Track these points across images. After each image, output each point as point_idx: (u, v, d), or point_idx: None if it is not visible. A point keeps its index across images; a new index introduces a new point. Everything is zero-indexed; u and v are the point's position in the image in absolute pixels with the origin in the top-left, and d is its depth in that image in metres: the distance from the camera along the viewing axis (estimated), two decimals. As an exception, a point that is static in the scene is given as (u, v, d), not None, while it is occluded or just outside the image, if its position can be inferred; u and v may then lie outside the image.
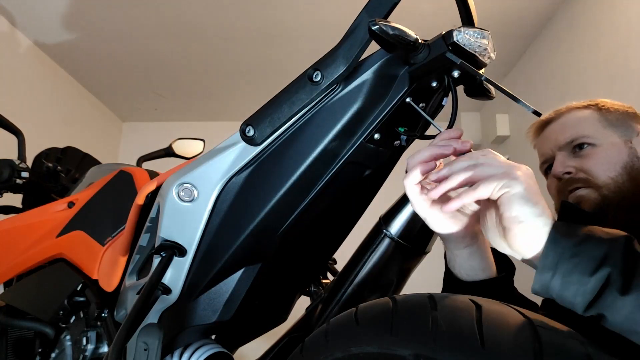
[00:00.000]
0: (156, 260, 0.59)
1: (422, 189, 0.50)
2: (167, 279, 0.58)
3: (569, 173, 0.80)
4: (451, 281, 0.59)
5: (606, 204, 0.74)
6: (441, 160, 0.51)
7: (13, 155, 1.25)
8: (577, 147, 0.80)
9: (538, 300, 0.65)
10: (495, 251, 0.64)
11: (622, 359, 0.35)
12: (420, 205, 0.50)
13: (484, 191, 0.43)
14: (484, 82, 0.50)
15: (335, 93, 0.51)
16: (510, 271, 0.62)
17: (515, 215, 0.42)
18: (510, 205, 0.42)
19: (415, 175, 0.49)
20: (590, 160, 0.78)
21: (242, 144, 0.53)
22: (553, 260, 0.40)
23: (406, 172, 0.50)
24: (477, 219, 0.54)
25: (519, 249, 0.43)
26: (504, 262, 0.63)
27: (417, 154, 0.49)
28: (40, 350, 0.94)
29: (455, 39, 0.46)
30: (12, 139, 1.33)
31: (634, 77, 1.78)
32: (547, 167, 0.88)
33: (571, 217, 0.44)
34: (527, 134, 0.95)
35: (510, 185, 0.42)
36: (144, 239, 0.67)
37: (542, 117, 0.90)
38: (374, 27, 0.44)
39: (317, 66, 0.49)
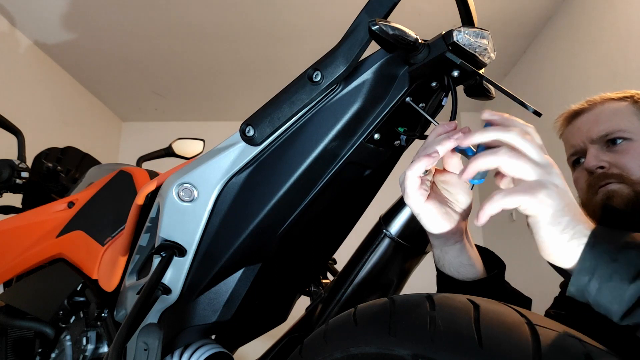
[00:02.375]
0: (156, 260, 0.59)
1: (420, 184, 0.49)
2: (167, 279, 0.58)
3: (602, 168, 0.77)
4: (445, 281, 0.59)
5: (638, 199, 0.72)
6: (433, 166, 0.51)
7: (13, 155, 1.25)
8: (611, 142, 0.78)
9: (532, 295, 0.65)
10: (485, 249, 0.64)
11: (622, 359, 0.35)
12: (416, 199, 0.49)
13: (511, 204, 0.41)
14: (484, 82, 0.50)
15: (335, 93, 0.51)
16: (501, 268, 0.61)
17: (541, 240, 0.41)
18: (537, 230, 0.41)
19: (420, 168, 0.47)
20: (626, 155, 0.76)
21: (242, 144, 0.53)
22: (591, 264, 0.38)
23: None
24: (465, 215, 0.54)
25: (556, 262, 0.42)
26: (494, 259, 0.63)
27: (427, 147, 0.48)
28: (40, 350, 0.94)
29: (455, 39, 0.46)
30: (12, 139, 1.33)
31: (634, 76, 1.78)
32: (575, 159, 0.85)
33: (612, 221, 0.42)
34: (555, 123, 0.92)
35: (539, 210, 0.40)
36: (143, 239, 0.67)
37: (574, 107, 0.87)
38: (374, 27, 0.44)
39: (317, 66, 0.49)
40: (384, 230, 0.62)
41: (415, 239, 0.62)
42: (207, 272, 0.58)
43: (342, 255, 0.74)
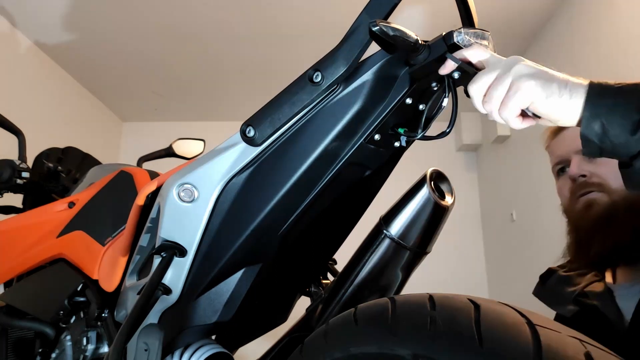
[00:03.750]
0: (156, 261, 0.59)
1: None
2: (167, 279, 0.58)
3: (583, 176, 0.82)
4: None
5: (615, 207, 0.77)
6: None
7: (13, 155, 1.25)
8: None
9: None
10: None
11: (622, 358, 0.35)
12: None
13: (510, 112, 0.47)
14: (484, 82, 0.50)
15: (335, 94, 0.51)
16: None
17: (552, 113, 0.46)
18: (541, 109, 0.46)
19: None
20: (606, 166, 0.80)
21: (243, 144, 0.53)
22: (596, 109, 0.44)
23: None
24: None
25: (575, 122, 0.46)
26: None
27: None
28: (40, 350, 0.94)
29: (455, 39, 0.46)
30: (12, 139, 1.33)
31: (634, 76, 1.78)
32: (560, 168, 0.90)
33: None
34: (543, 135, 0.97)
35: (529, 96, 0.45)
36: (144, 240, 0.67)
37: None
38: (374, 28, 0.44)
39: (318, 67, 0.49)
40: (384, 231, 0.62)
41: (416, 239, 0.62)
42: (208, 273, 0.58)
43: (342, 256, 0.75)
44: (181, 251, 0.57)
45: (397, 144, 0.56)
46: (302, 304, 0.76)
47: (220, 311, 0.60)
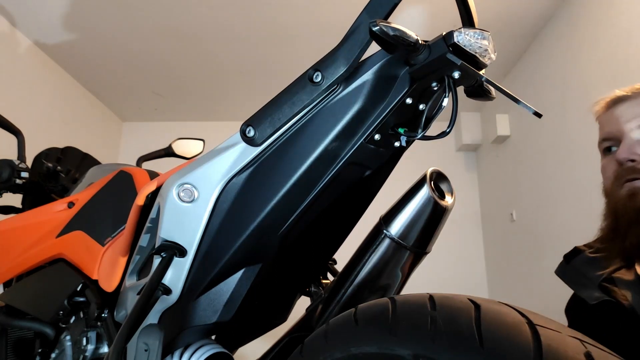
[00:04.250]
0: (156, 261, 0.59)
1: None
2: (167, 279, 0.58)
3: (632, 161, 0.77)
4: None
5: None
6: None
7: (13, 155, 1.25)
8: None
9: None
10: None
11: (622, 358, 0.35)
12: None
13: None
14: (485, 83, 0.50)
15: (335, 94, 0.51)
16: None
17: None
18: None
19: None
20: None
21: (243, 144, 0.53)
22: None
23: None
24: None
25: None
26: None
27: None
28: (40, 350, 0.94)
29: (455, 39, 0.46)
30: (12, 139, 1.33)
31: (634, 76, 1.78)
32: (607, 146, 0.84)
33: None
34: (594, 105, 0.90)
35: None
36: (144, 240, 0.67)
37: (618, 92, 0.85)
38: (374, 28, 0.44)
39: (318, 67, 0.49)
40: (384, 231, 0.62)
41: (416, 239, 0.62)
42: (208, 273, 0.58)
43: (342, 256, 0.75)
44: (181, 251, 0.56)
45: (397, 143, 0.56)
46: (302, 304, 0.76)
47: (220, 311, 0.60)
